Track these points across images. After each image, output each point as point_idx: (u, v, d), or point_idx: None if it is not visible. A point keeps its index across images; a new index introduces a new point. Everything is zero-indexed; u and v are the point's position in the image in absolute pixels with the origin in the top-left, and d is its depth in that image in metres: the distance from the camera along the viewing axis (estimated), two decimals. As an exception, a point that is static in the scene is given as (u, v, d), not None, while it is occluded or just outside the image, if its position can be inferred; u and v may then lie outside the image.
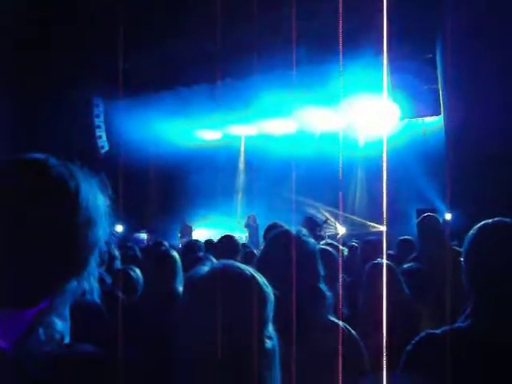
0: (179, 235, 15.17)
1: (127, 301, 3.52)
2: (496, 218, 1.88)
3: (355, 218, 14.39)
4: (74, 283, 1.06)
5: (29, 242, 0.99)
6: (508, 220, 1.87)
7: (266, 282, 1.48)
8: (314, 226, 12.52)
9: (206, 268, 1.48)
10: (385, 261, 3.54)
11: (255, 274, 1.47)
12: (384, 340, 2.36)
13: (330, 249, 3.47)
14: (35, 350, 0.98)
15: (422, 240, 4.88)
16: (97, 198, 1.10)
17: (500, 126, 9.82)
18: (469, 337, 1.77)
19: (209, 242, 6.56)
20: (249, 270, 1.48)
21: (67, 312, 1.09)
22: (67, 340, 1.08)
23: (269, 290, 1.47)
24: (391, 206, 5.43)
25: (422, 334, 1.89)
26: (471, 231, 1.89)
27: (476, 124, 10.13)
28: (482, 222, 1.89)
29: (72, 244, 1.03)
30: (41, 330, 1.00)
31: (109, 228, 1.13)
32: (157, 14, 12.73)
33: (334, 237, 12.82)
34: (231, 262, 1.53)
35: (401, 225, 8.27)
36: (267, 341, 1.42)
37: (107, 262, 4.05)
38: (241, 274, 1.45)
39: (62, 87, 13.85)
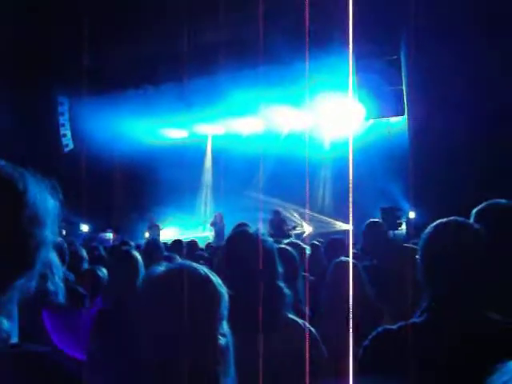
0: (147, 234, 15.04)
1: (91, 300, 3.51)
2: (451, 217, 1.94)
3: (322, 216, 14.50)
4: (21, 281, 1.06)
5: None
6: (461, 219, 1.94)
7: (220, 281, 1.53)
8: (281, 221, 12.67)
9: (161, 268, 1.51)
10: (347, 259, 3.58)
11: (210, 274, 1.52)
12: (349, 338, 2.40)
13: (289, 248, 3.48)
14: None
15: (370, 247, 4.94)
16: (46, 201, 1.12)
17: (462, 126, 10.04)
18: (424, 331, 1.82)
19: (177, 242, 6.57)
20: (204, 269, 1.53)
21: (15, 311, 1.09)
22: (14, 340, 1.07)
23: (223, 289, 1.52)
24: (356, 204, 5.50)
25: (379, 329, 1.94)
26: (426, 230, 1.95)
27: (439, 124, 10.35)
28: (437, 221, 1.95)
29: (18, 242, 1.04)
30: None
31: (58, 230, 1.14)
32: (124, 13, 12.61)
33: (300, 236, 12.91)
34: (188, 262, 1.58)
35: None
36: (221, 338, 1.46)
37: (74, 263, 4.02)
38: (196, 273, 1.50)
39: (27, 85, 13.60)
